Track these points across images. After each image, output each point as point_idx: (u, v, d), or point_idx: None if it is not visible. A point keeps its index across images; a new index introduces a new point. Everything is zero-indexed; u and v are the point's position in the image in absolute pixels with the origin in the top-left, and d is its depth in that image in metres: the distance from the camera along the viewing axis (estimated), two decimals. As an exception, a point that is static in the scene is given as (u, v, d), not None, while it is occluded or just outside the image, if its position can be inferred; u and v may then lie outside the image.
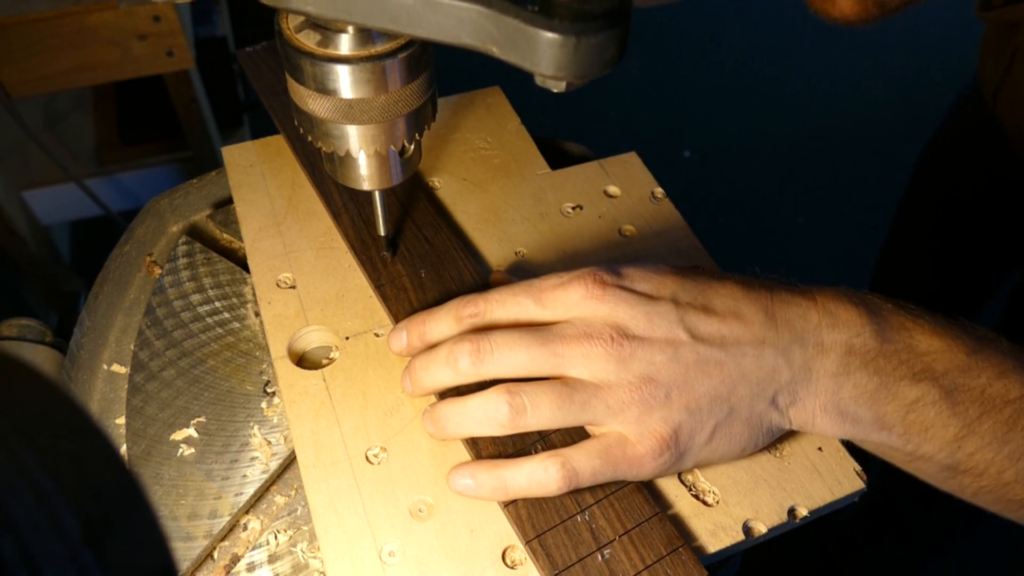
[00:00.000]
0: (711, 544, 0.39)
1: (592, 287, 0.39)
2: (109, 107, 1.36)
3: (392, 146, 0.40)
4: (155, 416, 0.45)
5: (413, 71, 0.37)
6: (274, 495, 0.43)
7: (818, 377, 0.39)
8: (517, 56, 0.30)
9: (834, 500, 0.41)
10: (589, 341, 0.38)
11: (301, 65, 0.36)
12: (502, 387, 0.38)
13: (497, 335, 0.39)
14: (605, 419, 0.38)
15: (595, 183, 0.56)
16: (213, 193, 0.59)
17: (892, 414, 0.39)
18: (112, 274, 0.54)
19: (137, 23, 0.98)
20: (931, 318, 0.40)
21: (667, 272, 0.41)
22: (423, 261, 0.49)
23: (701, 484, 0.41)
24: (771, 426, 0.40)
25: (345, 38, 0.36)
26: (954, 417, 0.38)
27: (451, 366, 0.40)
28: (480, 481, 0.38)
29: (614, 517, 0.38)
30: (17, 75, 0.98)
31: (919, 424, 0.39)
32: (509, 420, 0.38)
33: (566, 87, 0.31)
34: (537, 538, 0.38)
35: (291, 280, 0.50)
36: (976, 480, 0.39)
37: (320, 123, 0.39)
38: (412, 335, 0.43)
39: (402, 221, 0.51)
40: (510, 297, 0.41)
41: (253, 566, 0.40)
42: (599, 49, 0.30)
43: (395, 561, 0.38)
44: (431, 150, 0.59)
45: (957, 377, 0.38)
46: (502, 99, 0.63)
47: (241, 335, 0.49)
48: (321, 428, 0.43)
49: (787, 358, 0.39)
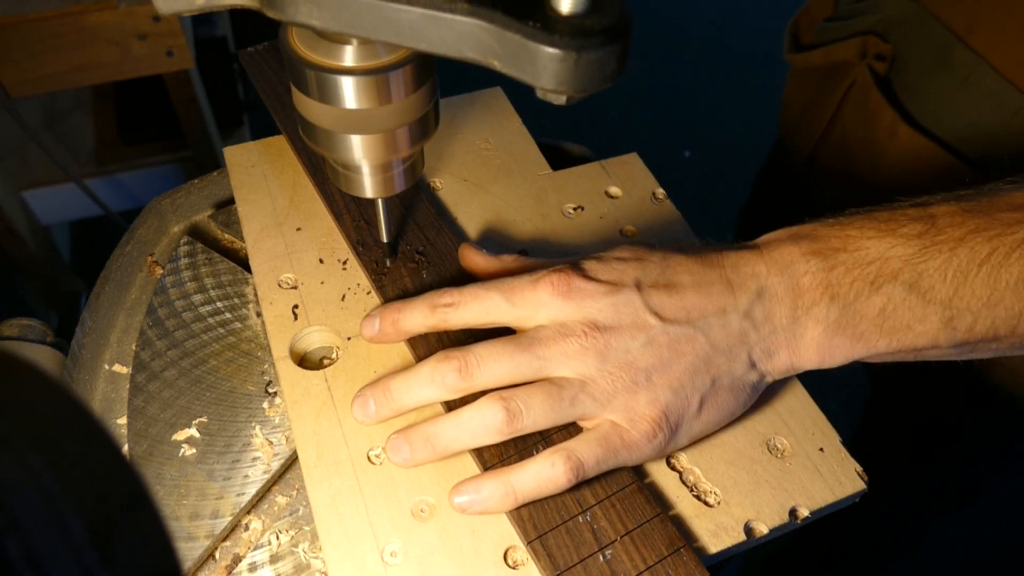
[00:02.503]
0: (713, 544, 0.39)
1: (559, 285, 0.40)
2: (109, 107, 1.35)
3: (395, 155, 0.40)
4: (157, 416, 0.45)
5: (416, 82, 0.38)
6: (276, 495, 0.43)
7: (781, 326, 0.41)
8: (518, 70, 0.31)
9: (835, 500, 0.41)
10: (565, 339, 0.39)
11: (304, 75, 0.37)
12: (494, 395, 0.39)
13: (480, 349, 0.40)
14: (595, 411, 0.39)
15: (596, 184, 0.57)
16: (215, 193, 0.59)
17: (867, 331, 0.40)
18: (113, 274, 0.54)
19: (137, 23, 0.98)
20: (870, 217, 0.40)
21: (627, 258, 0.42)
22: (425, 261, 0.49)
23: (703, 485, 0.41)
24: (754, 384, 0.42)
25: (349, 49, 0.36)
26: (929, 305, 0.38)
27: (437, 385, 0.40)
28: (486, 493, 0.38)
29: (615, 518, 0.38)
30: (17, 75, 0.98)
31: (899, 327, 0.39)
32: (506, 425, 0.38)
33: (567, 100, 0.32)
34: (539, 539, 0.38)
35: (293, 280, 0.50)
36: (997, 343, 0.39)
37: (323, 132, 0.39)
38: (385, 322, 0.44)
39: (404, 222, 0.51)
40: (483, 292, 0.42)
41: (255, 566, 0.40)
42: (599, 64, 0.30)
43: (397, 561, 0.38)
44: (432, 151, 0.59)
45: (916, 266, 0.38)
46: (503, 100, 0.63)
47: (243, 335, 0.49)
48: (323, 428, 0.43)
49: (750, 318, 0.41)
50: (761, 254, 0.42)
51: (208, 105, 1.23)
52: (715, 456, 0.42)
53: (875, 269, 0.39)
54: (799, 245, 0.41)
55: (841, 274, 0.40)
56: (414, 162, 0.43)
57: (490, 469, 0.40)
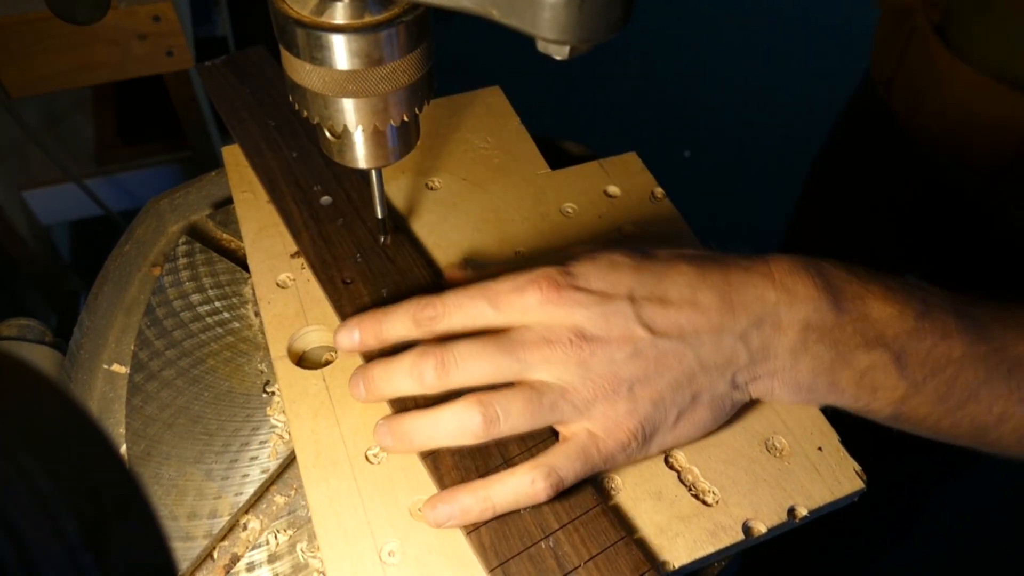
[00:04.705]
0: (711, 544, 0.39)
1: (547, 291, 0.39)
2: (109, 107, 1.35)
3: (390, 121, 0.39)
4: (155, 416, 0.45)
5: (411, 41, 0.36)
6: (274, 495, 0.43)
7: (776, 355, 0.41)
8: (517, 19, 0.29)
9: (834, 500, 0.41)
10: (549, 346, 0.39)
11: (294, 35, 0.35)
12: (472, 397, 0.38)
13: (460, 346, 0.39)
14: (573, 418, 0.39)
15: (595, 183, 0.56)
16: (213, 193, 0.59)
17: (845, 380, 0.41)
18: (112, 274, 0.54)
19: (137, 23, 0.97)
20: (881, 283, 0.41)
21: (621, 264, 0.41)
22: (385, 280, 0.48)
23: (701, 484, 0.41)
24: (732, 403, 0.42)
25: (340, 6, 0.34)
26: (902, 379, 0.40)
27: (415, 378, 0.40)
28: (464, 506, 0.38)
29: (579, 542, 0.38)
30: (17, 75, 0.98)
31: (870, 387, 0.40)
32: (483, 429, 0.38)
33: (569, 52, 0.30)
34: (500, 566, 0.37)
35: (291, 280, 0.50)
36: (915, 427, 0.42)
37: (315, 97, 0.38)
38: (366, 334, 0.42)
39: (367, 241, 0.50)
40: (467, 300, 0.41)
41: (253, 566, 0.40)
42: (604, 9, 0.28)
43: (395, 561, 0.38)
44: (431, 150, 0.59)
45: (906, 341, 0.40)
46: (502, 99, 0.63)
47: (241, 335, 0.49)
48: (321, 428, 0.43)
49: (745, 342, 0.40)
50: (773, 280, 0.41)
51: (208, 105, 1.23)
52: (713, 455, 0.42)
53: (876, 331, 0.40)
54: (815, 282, 0.41)
55: (847, 322, 0.40)
56: (409, 132, 0.42)
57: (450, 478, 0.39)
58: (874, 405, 0.41)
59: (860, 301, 0.40)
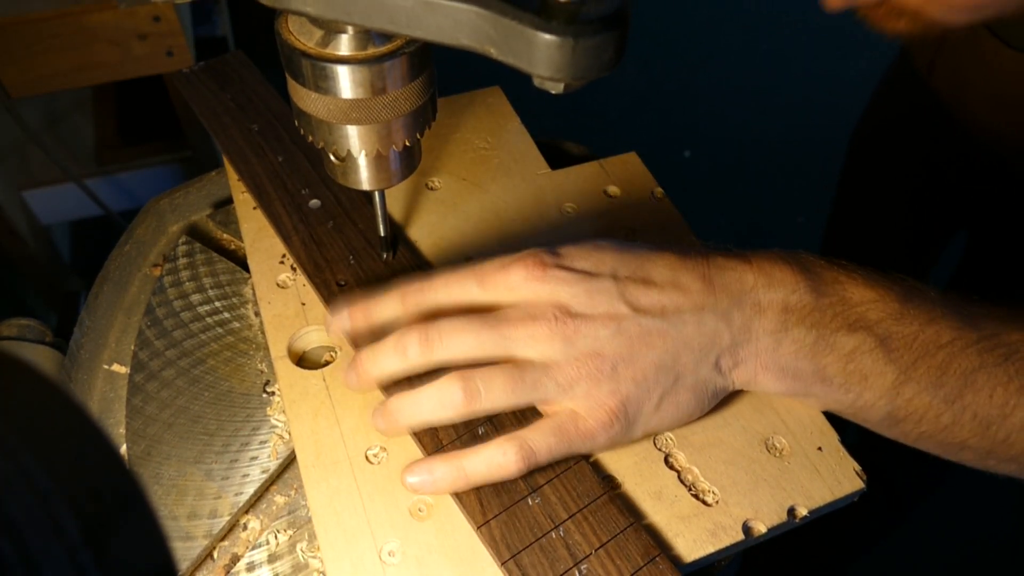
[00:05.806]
0: (711, 544, 0.39)
1: (532, 268, 0.40)
2: (109, 107, 1.35)
3: (392, 146, 0.40)
4: (155, 416, 0.45)
5: (413, 71, 0.37)
6: (274, 495, 0.43)
7: (758, 337, 0.41)
8: (515, 58, 0.31)
9: (834, 500, 0.41)
10: (534, 322, 0.39)
11: (300, 65, 0.36)
12: (455, 373, 0.39)
13: (444, 322, 0.40)
14: (556, 396, 0.39)
15: (595, 183, 0.56)
16: (213, 193, 0.59)
17: (831, 366, 0.40)
18: (112, 274, 0.54)
19: (137, 23, 0.97)
20: (862, 271, 0.42)
21: (606, 247, 0.42)
22: (380, 283, 0.48)
23: (701, 484, 0.41)
24: (715, 389, 0.41)
25: (344, 39, 0.36)
26: (890, 364, 0.39)
27: (399, 354, 0.40)
28: (439, 474, 0.39)
29: (589, 531, 0.38)
30: (17, 75, 0.98)
31: (858, 373, 0.40)
32: (464, 404, 0.38)
33: (564, 88, 0.31)
34: (512, 558, 0.37)
35: (291, 280, 0.50)
36: (916, 426, 0.41)
37: (320, 123, 0.39)
38: (356, 316, 0.43)
39: (358, 242, 0.50)
40: (454, 279, 0.42)
41: (253, 566, 0.40)
42: (596, 51, 0.30)
43: (395, 561, 0.38)
44: (431, 150, 0.59)
45: (891, 325, 0.40)
46: (502, 99, 0.63)
47: (241, 335, 0.49)
48: (321, 428, 0.43)
49: (727, 321, 0.40)
50: (751, 265, 0.42)
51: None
52: (713, 455, 0.42)
53: (857, 313, 0.40)
54: (792, 267, 0.41)
55: (826, 306, 0.40)
56: (412, 154, 0.43)
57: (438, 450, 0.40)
58: (867, 396, 0.40)
59: (839, 285, 0.41)
